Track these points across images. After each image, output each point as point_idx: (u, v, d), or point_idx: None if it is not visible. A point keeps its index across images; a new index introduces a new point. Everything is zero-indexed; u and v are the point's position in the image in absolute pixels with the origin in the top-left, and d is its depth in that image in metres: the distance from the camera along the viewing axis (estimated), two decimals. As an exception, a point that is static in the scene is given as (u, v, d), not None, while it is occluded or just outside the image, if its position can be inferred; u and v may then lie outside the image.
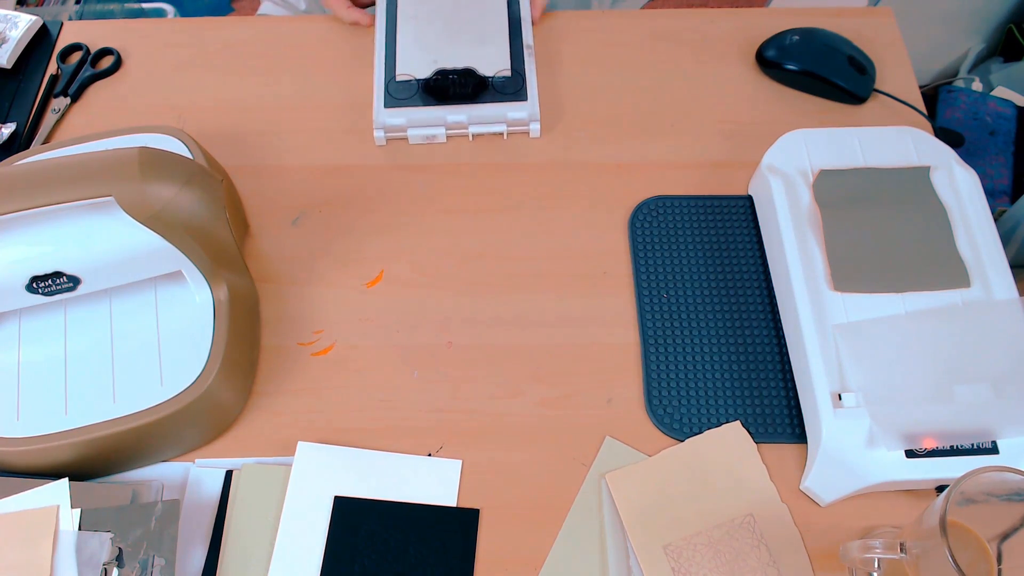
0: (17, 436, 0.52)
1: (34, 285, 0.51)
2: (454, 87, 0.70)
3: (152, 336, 0.55)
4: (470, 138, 0.70)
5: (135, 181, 0.47)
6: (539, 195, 0.67)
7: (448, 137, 0.70)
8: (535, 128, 0.69)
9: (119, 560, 0.51)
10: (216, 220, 0.51)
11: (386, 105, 0.69)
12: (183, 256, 0.52)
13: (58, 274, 0.50)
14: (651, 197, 0.67)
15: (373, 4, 0.78)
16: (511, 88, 0.70)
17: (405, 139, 0.70)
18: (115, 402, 0.53)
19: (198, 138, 0.71)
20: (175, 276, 0.55)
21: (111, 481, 0.55)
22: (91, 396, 0.53)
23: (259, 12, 0.95)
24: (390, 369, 0.60)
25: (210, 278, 0.54)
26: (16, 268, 0.50)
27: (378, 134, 0.69)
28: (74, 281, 0.51)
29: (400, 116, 0.69)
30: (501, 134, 0.70)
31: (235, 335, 0.55)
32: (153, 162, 0.49)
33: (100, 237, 0.50)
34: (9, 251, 0.49)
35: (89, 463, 0.54)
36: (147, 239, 0.50)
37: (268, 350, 0.61)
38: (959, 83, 1.47)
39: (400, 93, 0.70)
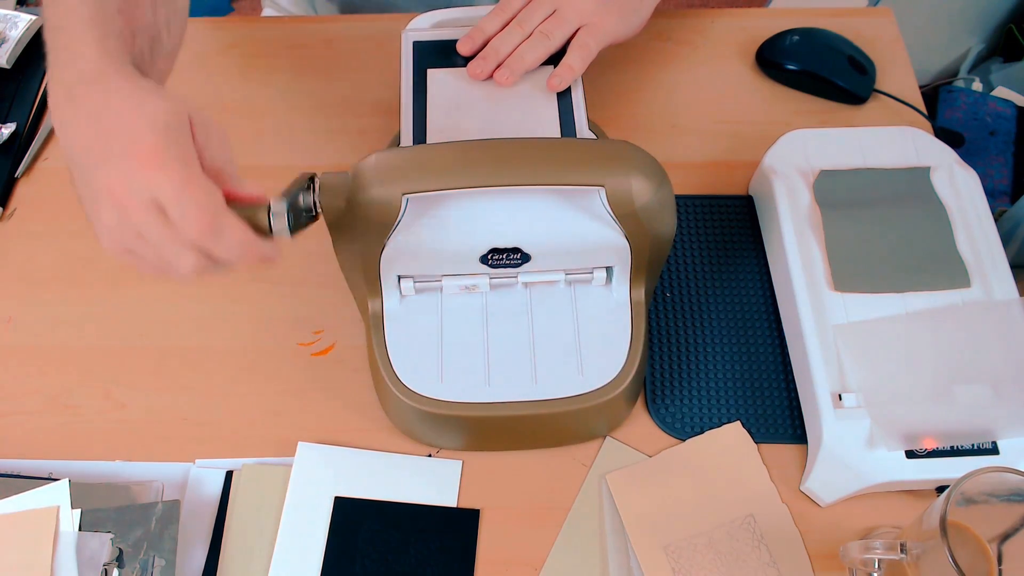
0: (442, 399, 0.52)
1: (489, 256, 0.50)
2: None
3: (570, 325, 0.54)
4: None
5: (628, 176, 0.47)
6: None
7: None
8: None
9: (119, 561, 0.51)
10: (668, 226, 0.50)
11: None
12: (629, 254, 0.51)
13: (516, 250, 0.50)
14: (651, 197, 0.66)
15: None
16: None
17: None
18: (536, 384, 0.52)
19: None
20: (595, 269, 0.55)
21: (112, 482, 0.55)
22: (513, 374, 0.53)
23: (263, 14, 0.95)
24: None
25: (634, 279, 0.54)
26: (484, 236, 0.49)
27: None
28: (525, 260, 0.51)
29: None
30: None
31: (645, 337, 0.55)
32: (642, 159, 0.48)
33: (564, 220, 0.49)
34: (487, 219, 0.49)
35: (498, 438, 0.55)
36: (605, 232, 0.49)
37: (268, 350, 0.61)
38: (959, 83, 1.47)
39: None
